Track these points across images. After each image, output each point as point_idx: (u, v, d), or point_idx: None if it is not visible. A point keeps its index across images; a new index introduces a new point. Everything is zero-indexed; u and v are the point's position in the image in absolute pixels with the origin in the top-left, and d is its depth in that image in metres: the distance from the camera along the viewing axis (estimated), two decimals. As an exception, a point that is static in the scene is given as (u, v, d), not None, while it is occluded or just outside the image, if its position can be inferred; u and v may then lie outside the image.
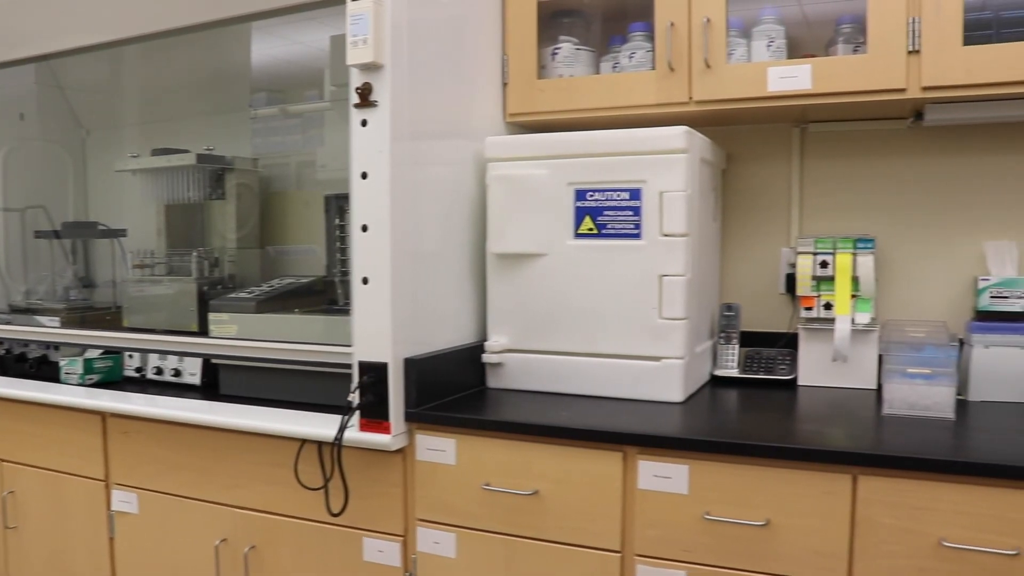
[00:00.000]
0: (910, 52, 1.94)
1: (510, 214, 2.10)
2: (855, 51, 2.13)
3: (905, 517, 1.58)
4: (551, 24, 2.37)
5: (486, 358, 2.14)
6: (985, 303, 2.11)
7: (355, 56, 1.81)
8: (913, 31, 1.93)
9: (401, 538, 1.96)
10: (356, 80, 1.84)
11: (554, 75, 2.31)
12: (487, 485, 1.86)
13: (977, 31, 1.93)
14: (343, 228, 2.30)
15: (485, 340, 2.16)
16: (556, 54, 2.32)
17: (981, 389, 2.04)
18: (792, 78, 2.02)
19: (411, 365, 1.89)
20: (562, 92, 2.25)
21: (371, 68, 1.82)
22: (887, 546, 1.59)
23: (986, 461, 1.53)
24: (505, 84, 2.31)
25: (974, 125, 2.25)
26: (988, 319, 2.10)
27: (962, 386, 2.07)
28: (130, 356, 2.61)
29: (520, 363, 2.13)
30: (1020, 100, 2.00)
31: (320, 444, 1.97)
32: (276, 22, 2.57)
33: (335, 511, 2.00)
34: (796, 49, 2.29)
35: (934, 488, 1.56)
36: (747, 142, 2.46)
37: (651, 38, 2.19)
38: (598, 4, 2.45)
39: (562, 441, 1.80)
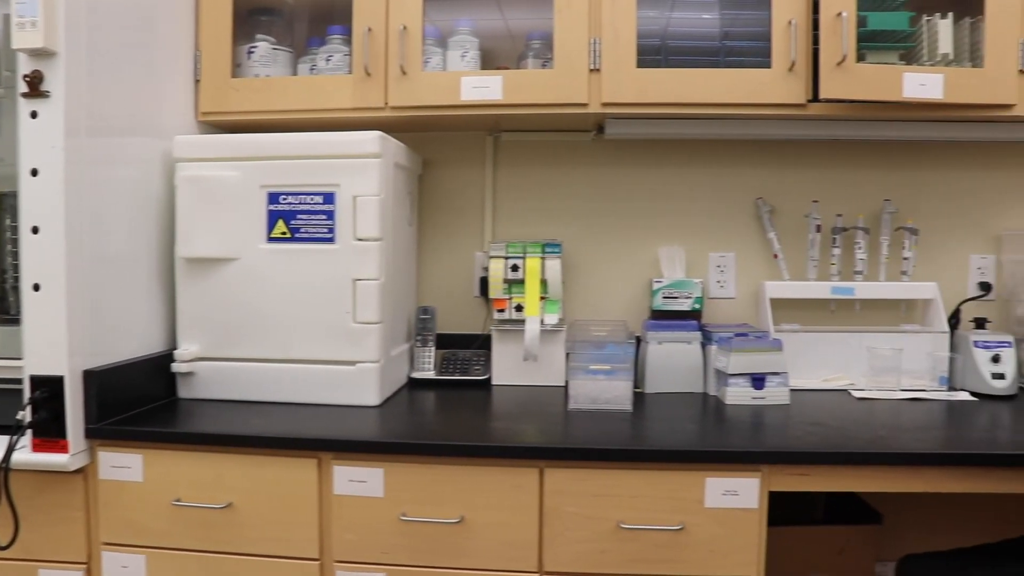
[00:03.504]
0: (592, 70, 2.08)
1: (200, 217, 2.01)
2: (544, 66, 2.24)
3: (587, 504, 1.69)
4: (248, 21, 2.30)
5: (176, 367, 2.03)
6: (659, 303, 2.31)
7: (22, 40, 1.66)
8: (594, 51, 2.07)
9: (84, 565, 1.82)
10: (25, 67, 1.69)
11: (250, 74, 2.24)
12: (178, 501, 1.78)
13: (649, 56, 2.10)
14: (16, 230, 2.10)
15: (175, 348, 2.06)
16: (252, 53, 2.25)
17: (655, 382, 2.22)
18: (484, 88, 2.10)
19: (91, 377, 1.77)
20: (257, 92, 2.19)
21: (42, 54, 1.68)
22: (572, 532, 1.70)
23: (656, 448, 1.68)
24: (197, 81, 2.21)
25: (649, 140, 2.46)
26: (661, 317, 2.30)
27: (639, 380, 2.25)
28: None
29: (213, 372, 2.05)
30: (684, 120, 2.20)
31: (-15, 469, 1.79)
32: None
33: (3, 544, 1.81)
34: (490, 60, 2.38)
35: (613, 476, 1.69)
36: (443, 148, 2.52)
37: (349, 42, 2.19)
38: (297, 4, 2.41)
39: (255, 450, 1.76)
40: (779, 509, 2.03)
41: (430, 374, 2.31)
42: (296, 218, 1.99)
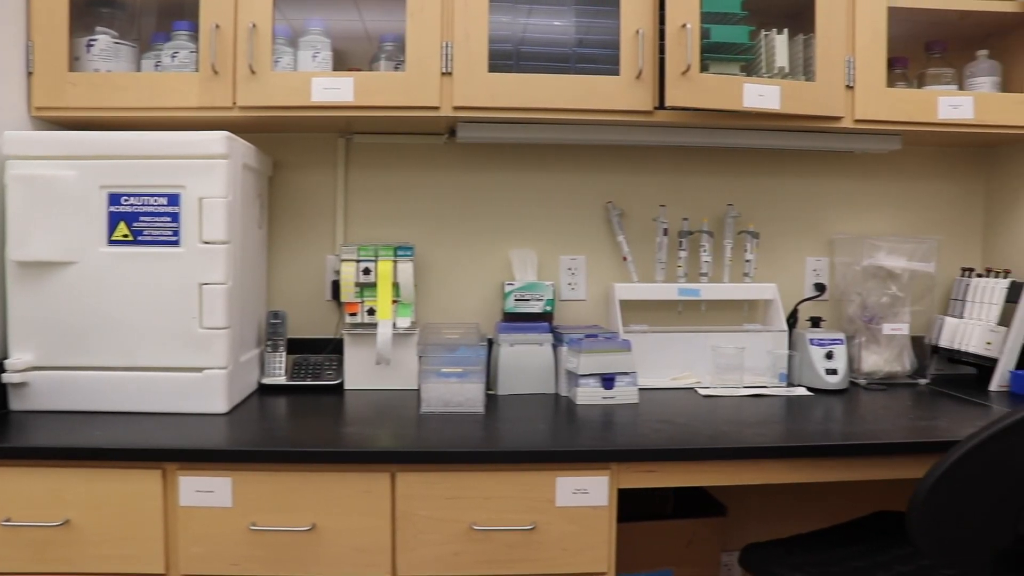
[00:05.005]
0: (444, 73, 2.08)
1: (34, 218, 1.91)
2: (396, 68, 2.24)
3: (440, 507, 1.70)
4: (87, 12, 2.19)
5: (7, 378, 1.92)
6: (511, 305, 2.33)
7: None
8: (446, 55, 2.07)
9: None
10: None
11: (89, 69, 2.14)
12: (8, 521, 1.68)
13: (502, 61, 2.12)
14: None
15: (6, 358, 1.95)
16: (92, 46, 2.15)
17: (508, 383, 2.24)
18: (335, 90, 2.07)
19: (-92, 390, 1.66)
20: (98, 88, 2.09)
21: None
22: (425, 536, 1.70)
23: (507, 449, 1.70)
24: (30, 74, 2.09)
25: (501, 144, 2.48)
26: (513, 320, 2.33)
27: (491, 382, 2.27)
28: None
29: (50, 381, 1.95)
30: (536, 124, 2.23)
31: None
32: None
33: None
34: (344, 62, 2.35)
35: (465, 478, 1.70)
36: (294, 150, 2.48)
37: (196, 38, 2.12)
38: (141, -3, 2.32)
39: (95, 463, 1.68)
40: (634, 506, 2.10)
41: (281, 380, 2.26)
42: (139, 220, 1.91)
